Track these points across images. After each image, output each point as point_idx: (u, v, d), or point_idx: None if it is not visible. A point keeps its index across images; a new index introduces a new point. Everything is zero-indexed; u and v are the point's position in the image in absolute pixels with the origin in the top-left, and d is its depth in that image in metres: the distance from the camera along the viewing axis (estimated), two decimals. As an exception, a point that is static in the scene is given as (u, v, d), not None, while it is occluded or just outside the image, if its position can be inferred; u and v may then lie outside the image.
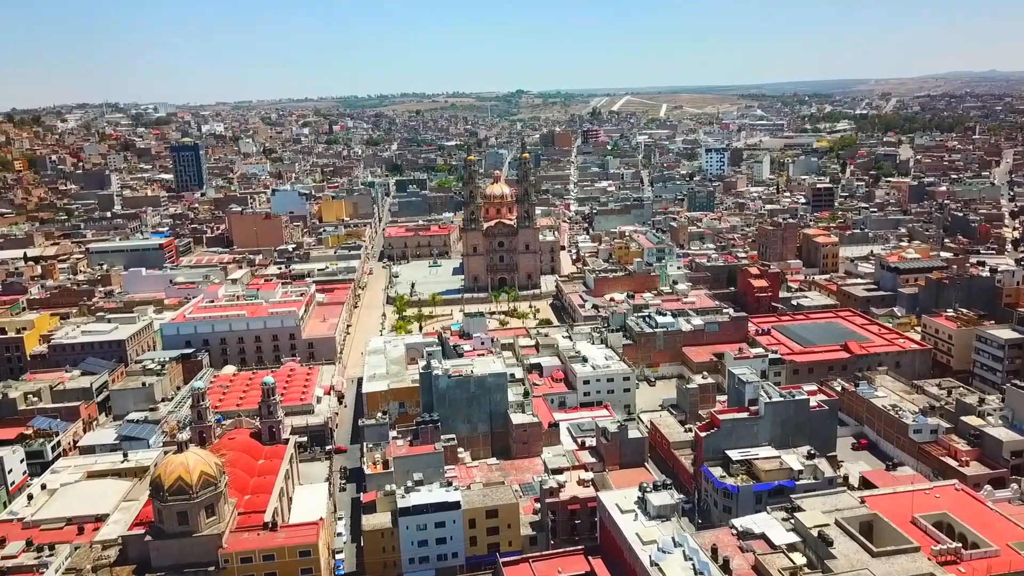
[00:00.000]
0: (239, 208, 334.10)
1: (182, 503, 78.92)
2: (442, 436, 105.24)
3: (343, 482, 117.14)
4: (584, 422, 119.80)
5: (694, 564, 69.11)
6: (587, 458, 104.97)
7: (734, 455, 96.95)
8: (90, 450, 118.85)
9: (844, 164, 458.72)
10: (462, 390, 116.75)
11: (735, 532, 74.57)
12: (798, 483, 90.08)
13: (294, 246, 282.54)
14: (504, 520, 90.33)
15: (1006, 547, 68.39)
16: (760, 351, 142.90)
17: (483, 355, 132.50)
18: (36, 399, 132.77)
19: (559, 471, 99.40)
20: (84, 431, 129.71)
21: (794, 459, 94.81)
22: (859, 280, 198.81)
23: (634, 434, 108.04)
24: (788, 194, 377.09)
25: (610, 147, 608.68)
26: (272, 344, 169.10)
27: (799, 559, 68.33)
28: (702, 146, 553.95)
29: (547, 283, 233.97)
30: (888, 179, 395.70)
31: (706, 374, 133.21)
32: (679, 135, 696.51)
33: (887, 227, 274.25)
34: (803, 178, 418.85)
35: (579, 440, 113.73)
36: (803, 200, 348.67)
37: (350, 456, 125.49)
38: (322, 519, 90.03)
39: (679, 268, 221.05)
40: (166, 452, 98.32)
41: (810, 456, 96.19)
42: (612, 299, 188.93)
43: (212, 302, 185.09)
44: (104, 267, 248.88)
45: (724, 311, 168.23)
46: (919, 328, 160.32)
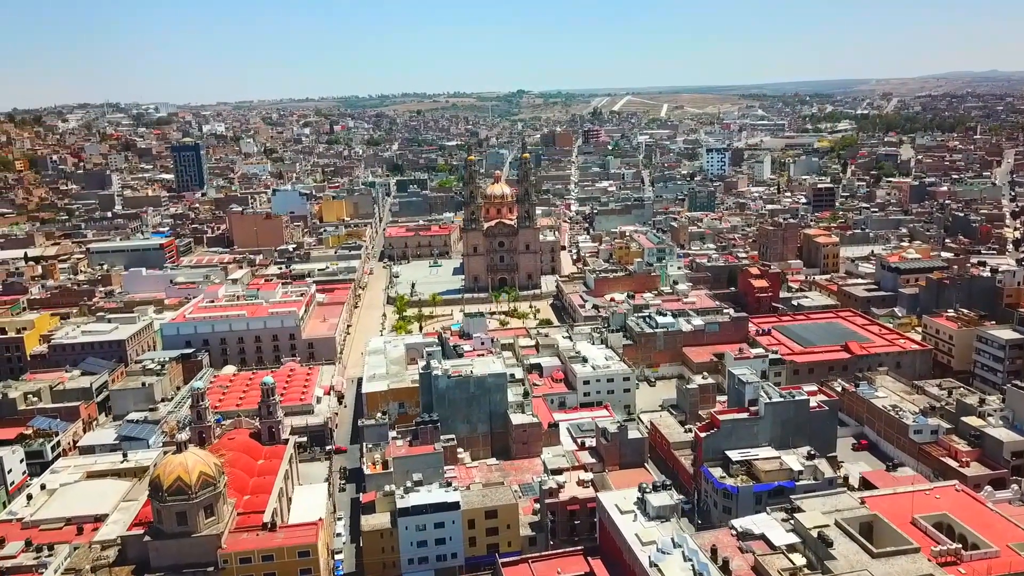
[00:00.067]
0: (240, 208, 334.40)
1: (181, 503, 78.91)
2: (442, 436, 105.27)
3: (343, 482, 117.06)
4: (584, 422, 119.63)
5: (693, 565, 69.02)
6: (587, 458, 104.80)
7: (734, 455, 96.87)
8: (90, 450, 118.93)
9: (845, 164, 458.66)
10: (462, 390, 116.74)
11: (735, 533, 74.46)
12: (798, 484, 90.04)
13: (294, 246, 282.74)
14: (503, 521, 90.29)
15: (1006, 548, 68.26)
16: (760, 351, 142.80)
17: (483, 355, 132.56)
18: (36, 399, 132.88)
19: (559, 471, 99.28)
20: (84, 431, 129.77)
21: (794, 460, 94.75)
22: (860, 280, 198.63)
23: (634, 434, 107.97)
24: (789, 194, 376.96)
25: (611, 147, 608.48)
26: (272, 344, 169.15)
27: (799, 560, 68.25)
28: (703, 146, 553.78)
29: (547, 283, 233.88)
30: (889, 179, 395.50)
31: (706, 374, 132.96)
32: (680, 135, 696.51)
33: (888, 227, 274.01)
34: (804, 178, 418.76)
35: (579, 440, 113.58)
36: (804, 200, 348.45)
37: (350, 456, 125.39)
38: (321, 519, 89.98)
39: (679, 268, 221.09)
40: (165, 452, 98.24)
41: (810, 457, 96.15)
42: (612, 299, 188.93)
43: (212, 302, 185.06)
44: (104, 267, 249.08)
45: (724, 311, 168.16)
46: (920, 328, 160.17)
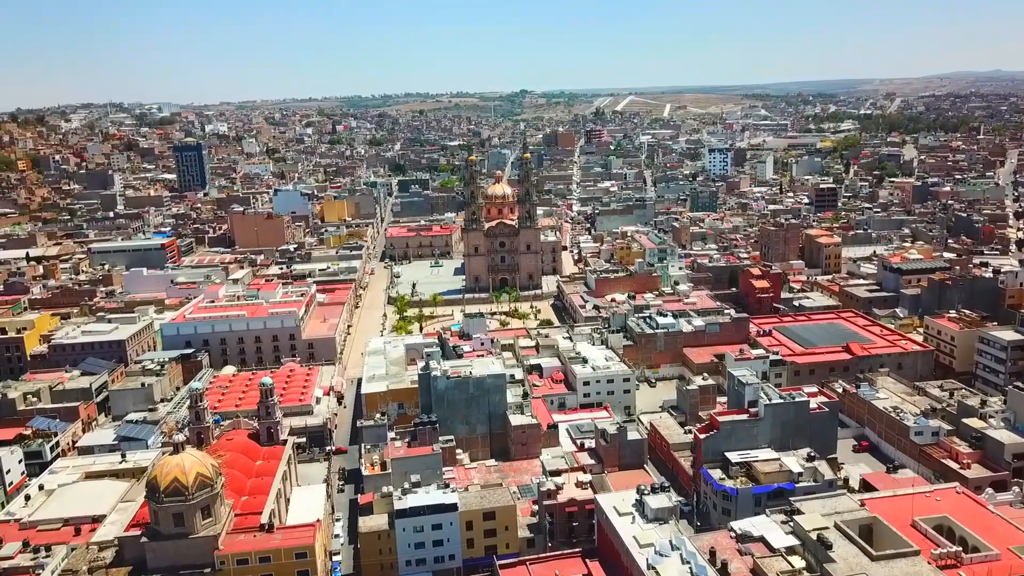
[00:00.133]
0: (241, 208, 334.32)
1: (178, 504, 78.71)
2: (440, 437, 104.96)
3: (341, 483, 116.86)
4: (583, 423, 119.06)
5: (691, 567, 68.61)
6: (586, 460, 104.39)
7: (733, 457, 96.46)
8: (89, 451, 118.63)
9: (848, 164, 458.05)
10: (461, 391, 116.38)
11: (734, 535, 74.12)
12: (798, 485, 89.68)
13: (296, 246, 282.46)
14: (501, 522, 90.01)
15: (1007, 551, 67.86)
16: (761, 352, 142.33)
17: (482, 356, 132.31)
18: (35, 399, 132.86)
19: (557, 473, 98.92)
20: (83, 431, 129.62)
21: (794, 461, 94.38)
22: (861, 281, 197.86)
23: (633, 436, 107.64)
24: (791, 194, 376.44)
25: (613, 147, 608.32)
26: (272, 344, 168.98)
27: (798, 562, 67.92)
28: (705, 146, 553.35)
29: (548, 283, 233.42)
30: (892, 179, 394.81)
31: (707, 375, 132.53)
32: (682, 135, 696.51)
33: (890, 228, 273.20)
34: (806, 178, 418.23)
35: (578, 442, 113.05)
36: (806, 200, 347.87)
37: (349, 457, 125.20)
38: (319, 521, 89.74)
39: (681, 269, 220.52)
40: (163, 453, 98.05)
41: (810, 458, 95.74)
42: (613, 300, 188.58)
43: (213, 302, 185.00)
44: (106, 267, 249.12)
45: (725, 312, 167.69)
46: (921, 329, 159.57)
